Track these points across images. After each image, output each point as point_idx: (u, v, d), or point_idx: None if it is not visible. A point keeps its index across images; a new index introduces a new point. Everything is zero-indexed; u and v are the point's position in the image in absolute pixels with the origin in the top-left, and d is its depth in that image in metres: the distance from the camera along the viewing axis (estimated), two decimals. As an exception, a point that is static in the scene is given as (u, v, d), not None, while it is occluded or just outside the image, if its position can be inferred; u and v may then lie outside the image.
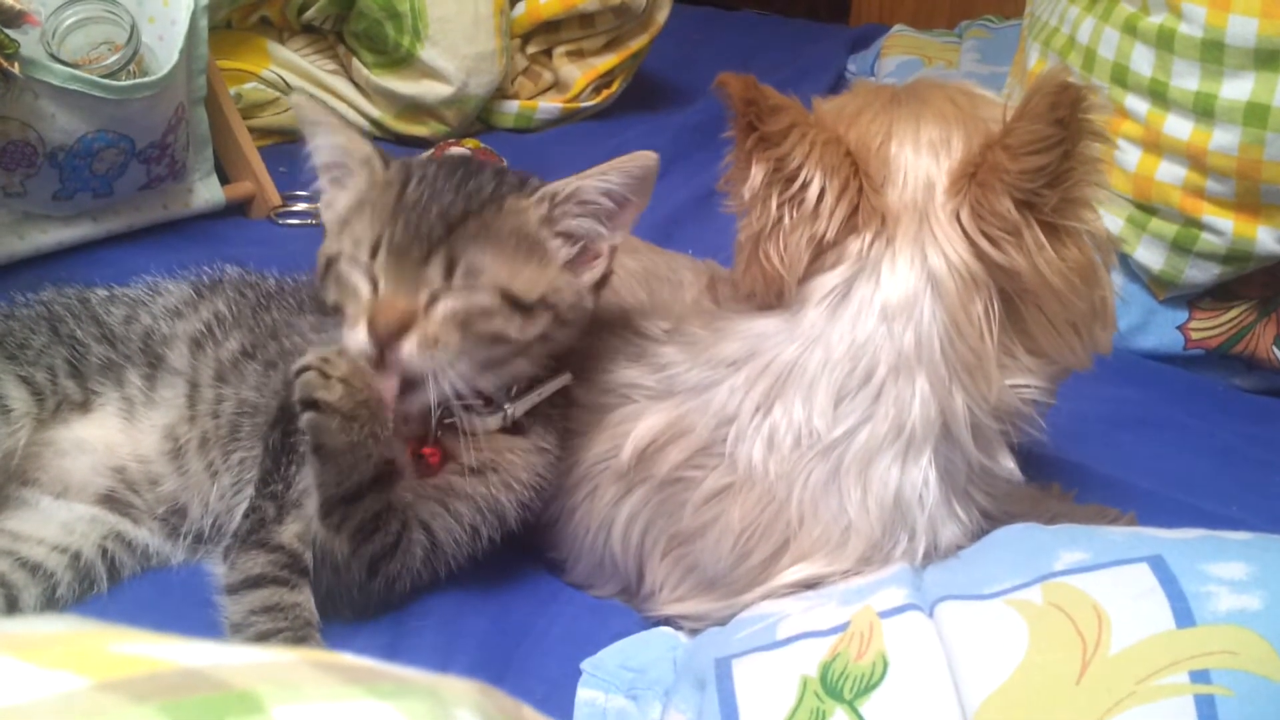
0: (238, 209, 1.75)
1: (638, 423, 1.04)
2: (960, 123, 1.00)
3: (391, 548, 1.00)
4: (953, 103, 1.02)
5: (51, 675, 0.40)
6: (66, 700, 0.39)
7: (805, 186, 0.97)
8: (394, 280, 0.96)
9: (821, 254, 0.98)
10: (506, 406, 1.03)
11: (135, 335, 1.13)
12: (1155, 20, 1.51)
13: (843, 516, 0.98)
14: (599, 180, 1.02)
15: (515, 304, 0.98)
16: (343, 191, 1.05)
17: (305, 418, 0.94)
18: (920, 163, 0.98)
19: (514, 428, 1.04)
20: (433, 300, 0.96)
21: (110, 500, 1.09)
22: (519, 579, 1.10)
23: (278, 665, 0.44)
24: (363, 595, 1.02)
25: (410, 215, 0.97)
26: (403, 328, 0.95)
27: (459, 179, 1.01)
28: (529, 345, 1.01)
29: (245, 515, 1.04)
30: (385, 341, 0.95)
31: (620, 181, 1.02)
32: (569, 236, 1.02)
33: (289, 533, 1.01)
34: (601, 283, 1.05)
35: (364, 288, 0.97)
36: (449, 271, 0.96)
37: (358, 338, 0.96)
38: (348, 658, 0.47)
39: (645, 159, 1.02)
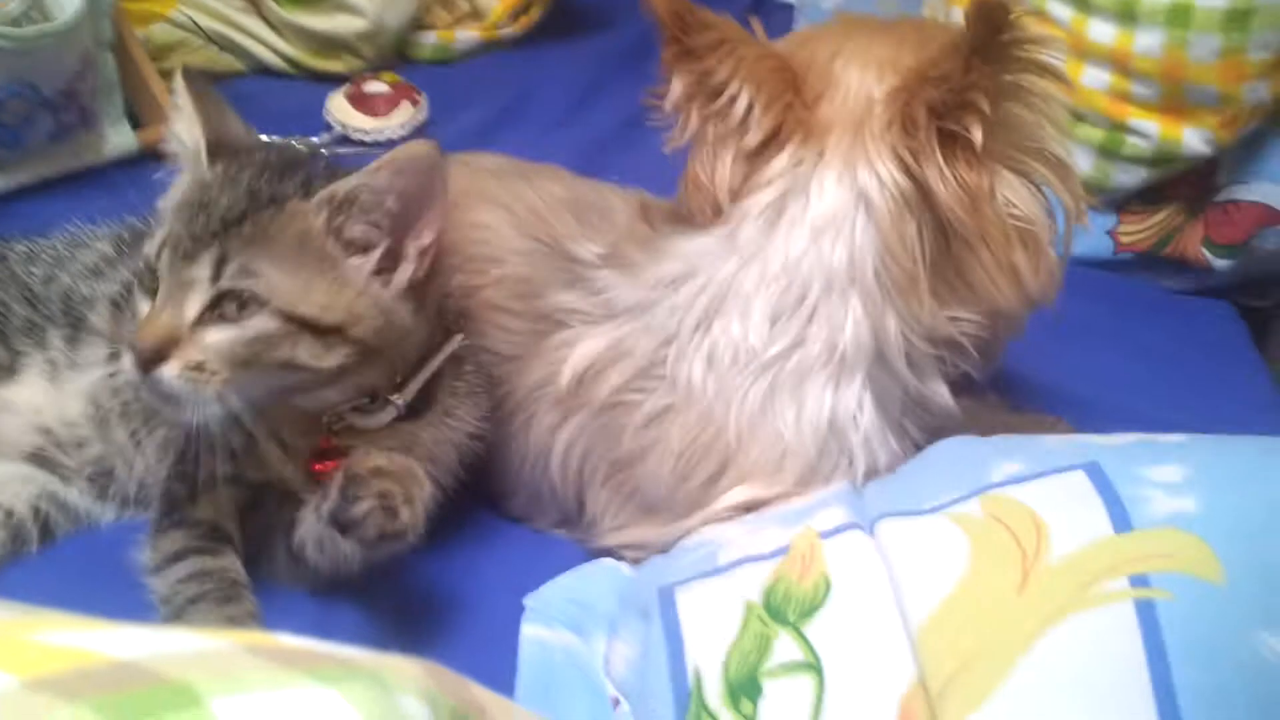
0: (152, 155, 1.71)
1: (575, 347, 1.03)
2: (915, 45, 0.98)
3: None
4: (917, 29, 1.01)
5: None
6: None
7: (731, 101, 0.96)
8: (164, 292, 0.90)
9: (755, 170, 0.98)
10: (393, 397, 0.98)
11: (55, 295, 1.11)
12: (1074, -76, 1.50)
13: (779, 438, 0.97)
14: (373, 178, 0.93)
15: (306, 327, 0.91)
16: (175, 188, 0.99)
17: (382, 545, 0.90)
18: (863, 80, 0.97)
19: (414, 410, 0.99)
20: (201, 321, 0.89)
21: (39, 459, 1.07)
22: (456, 515, 1.08)
23: (213, 653, 0.43)
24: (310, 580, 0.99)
25: (191, 216, 0.91)
26: (164, 350, 0.89)
27: (248, 183, 0.93)
28: (334, 375, 0.93)
29: (159, 498, 1.02)
30: (146, 368, 0.88)
31: (395, 181, 0.92)
32: (361, 246, 0.94)
33: (206, 508, 0.99)
34: (422, 290, 0.96)
35: (141, 302, 0.92)
36: (219, 269, 0.90)
37: (125, 364, 0.90)
38: (285, 640, 0.46)
39: (417, 150, 0.93)
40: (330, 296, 0.91)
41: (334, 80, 1.95)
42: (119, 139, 1.65)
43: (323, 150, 1.74)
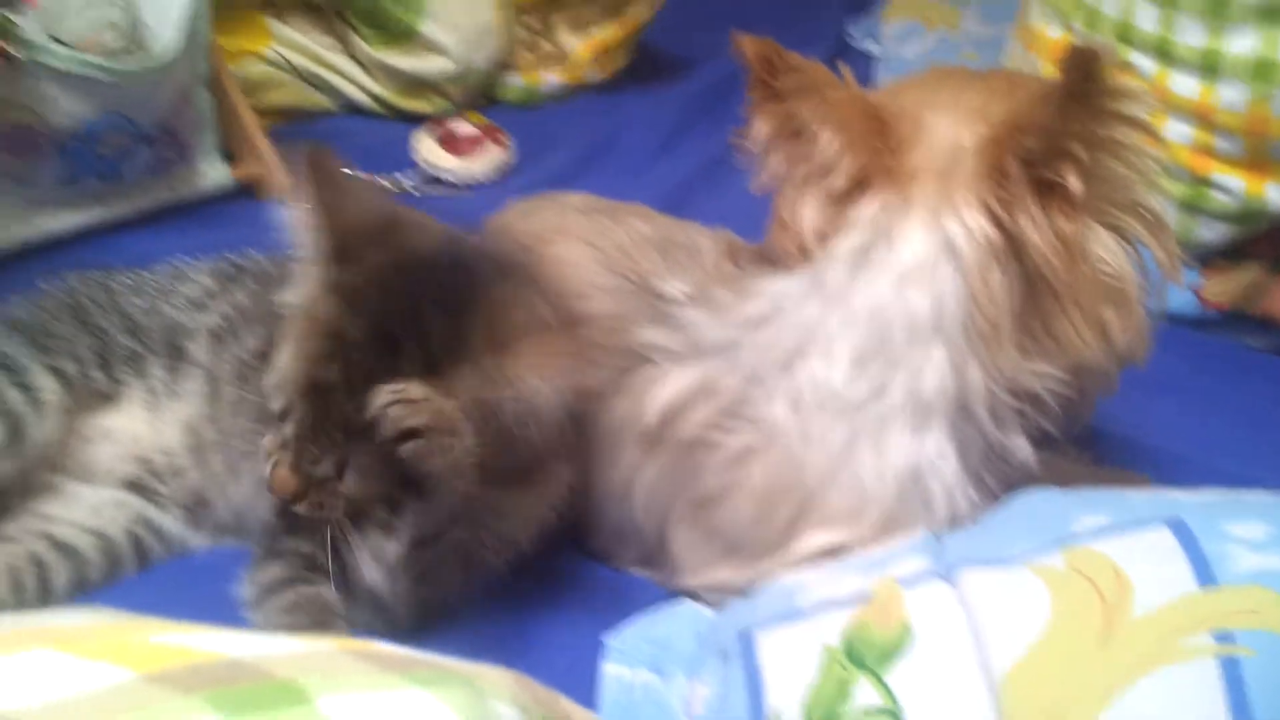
0: (246, 190, 1.75)
1: (660, 384, 1.04)
2: (1006, 95, 0.99)
3: (443, 584, 1.00)
4: (1009, 80, 1.02)
5: (96, 667, 0.40)
6: (116, 693, 0.39)
7: (813, 142, 0.97)
8: (292, 452, 0.94)
9: (841, 214, 0.99)
10: None
11: (157, 326, 1.13)
12: (1159, -23, 1.50)
13: (859, 483, 0.98)
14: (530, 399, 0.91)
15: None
16: (300, 280, 0.99)
17: (408, 448, 0.88)
18: (953, 129, 0.98)
19: None
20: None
21: (136, 486, 1.09)
22: (538, 552, 1.10)
23: (317, 655, 0.44)
24: (390, 624, 1.00)
25: (318, 406, 0.92)
26: (298, 495, 0.94)
27: (386, 364, 0.91)
28: None
29: (261, 532, 1.04)
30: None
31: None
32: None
33: (304, 542, 1.00)
34: None
35: (272, 440, 0.95)
36: (339, 474, 0.93)
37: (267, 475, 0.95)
38: (383, 646, 0.47)
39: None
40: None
41: (421, 120, 1.98)
42: (214, 173, 1.69)
43: (410, 189, 1.77)
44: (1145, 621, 0.77)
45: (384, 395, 0.88)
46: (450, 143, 1.85)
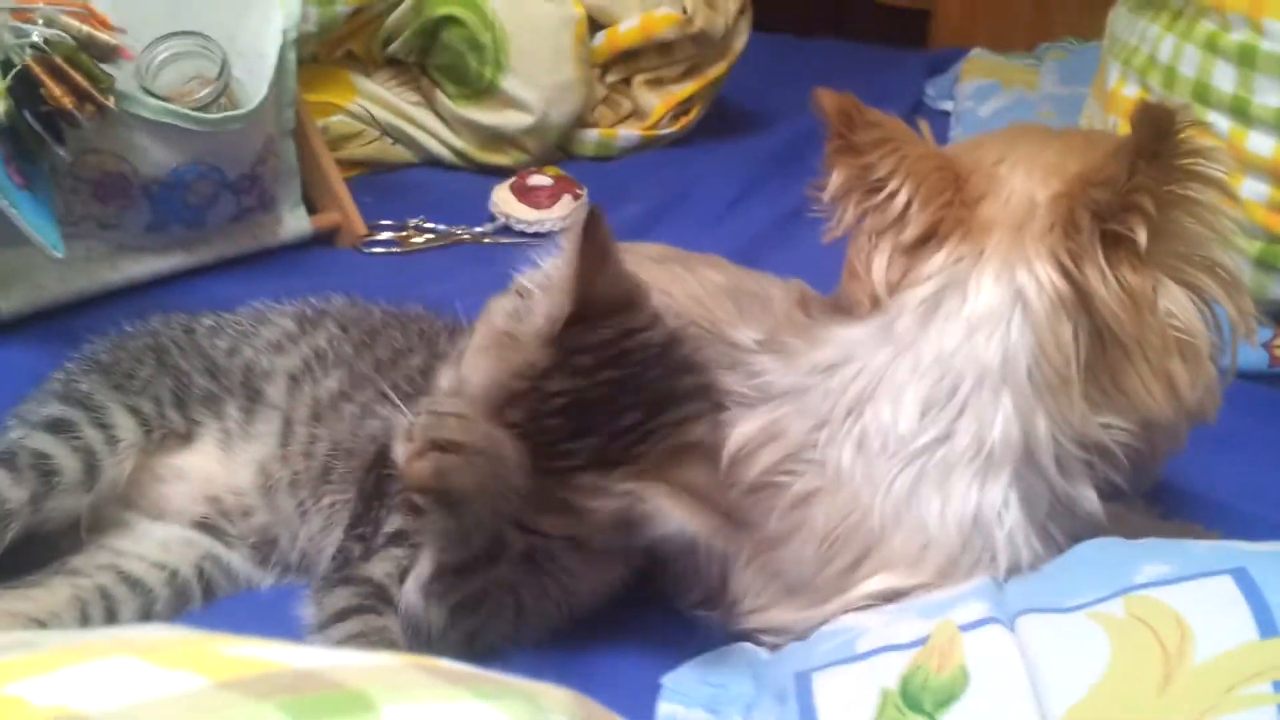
0: (324, 239, 1.78)
1: (731, 429, 1.04)
2: (1082, 152, 1.00)
3: (485, 621, 1.01)
4: (1086, 138, 1.03)
5: (172, 675, 0.42)
6: (191, 698, 0.41)
7: (891, 196, 0.99)
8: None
9: (914, 265, 1.00)
10: None
11: (236, 368, 1.15)
12: (1236, 38, 1.50)
13: (923, 528, 0.98)
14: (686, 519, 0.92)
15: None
16: (513, 314, 0.99)
17: (433, 460, 0.89)
18: (1027, 183, 0.99)
19: None
20: None
21: (204, 526, 1.11)
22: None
23: (384, 668, 0.46)
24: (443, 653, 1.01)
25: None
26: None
27: (570, 434, 0.93)
28: None
29: (332, 558, 1.06)
30: None
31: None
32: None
33: (376, 569, 1.02)
34: None
35: (423, 420, 0.94)
36: None
37: (398, 454, 0.95)
38: (447, 663, 0.49)
39: None
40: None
41: (499, 173, 2.02)
42: (295, 223, 1.72)
43: (487, 239, 1.81)
44: (1205, 670, 0.76)
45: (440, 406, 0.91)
46: (526, 194, 1.88)
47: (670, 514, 0.91)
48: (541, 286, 0.98)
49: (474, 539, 0.95)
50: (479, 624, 1.01)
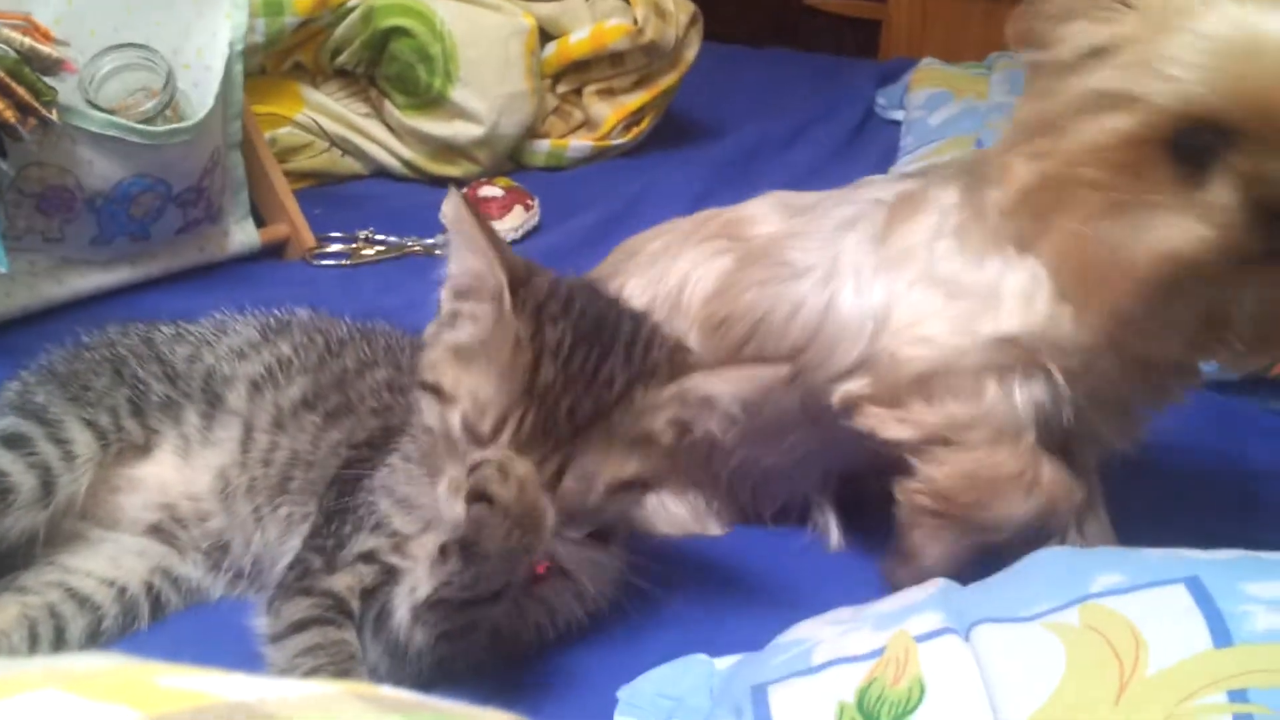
0: (273, 251, 1.77)
1: None
2: None
3: (464, 649, 1.00)
4: None
5: (102, 708, 0.41)
6: None
7: None
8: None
9: None
10: None
11: (197, 374, 1.14)
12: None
13: None
14: (734, 386, 0.97)
15: (621, 488, 0.96)
16: (466, 320, 0.99)
17: (473, 510, 0.88)
18: None
19: (597, 535, 1.02)
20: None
21: (157, 532, 1.10)
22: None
23: (321, 697, 0.45)
24: (410, 675, 1.00)
25: (539, 408, 0.93)
26: None
27: (594, 362, 0.95)
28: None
29: (290, 566, 1.04)
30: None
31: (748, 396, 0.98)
32: (684, 426, 0.99)
33: (338, 582, 1.00)
34: None
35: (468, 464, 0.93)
36: (558, 477, 0.93)
37: (455, 510, 0.93)
38: (389, 690, 0.48)
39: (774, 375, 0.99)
40: (643, 463, 0.97)
41: (449, 183, 2.01)
42: (243, 236, 1.71)
43: (438, 250, 1.79)
44: (1159, 679, 0.76)
45: (487, 452, 0.90)
46: (477, 205, 1.87)
47: (724, 389, 0.96)
48: (459, 290, 0.99)
49: (481, 586, 0.93)
50: (460, 649, 0.99)
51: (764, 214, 1.23)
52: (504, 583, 0.94)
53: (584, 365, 0.94)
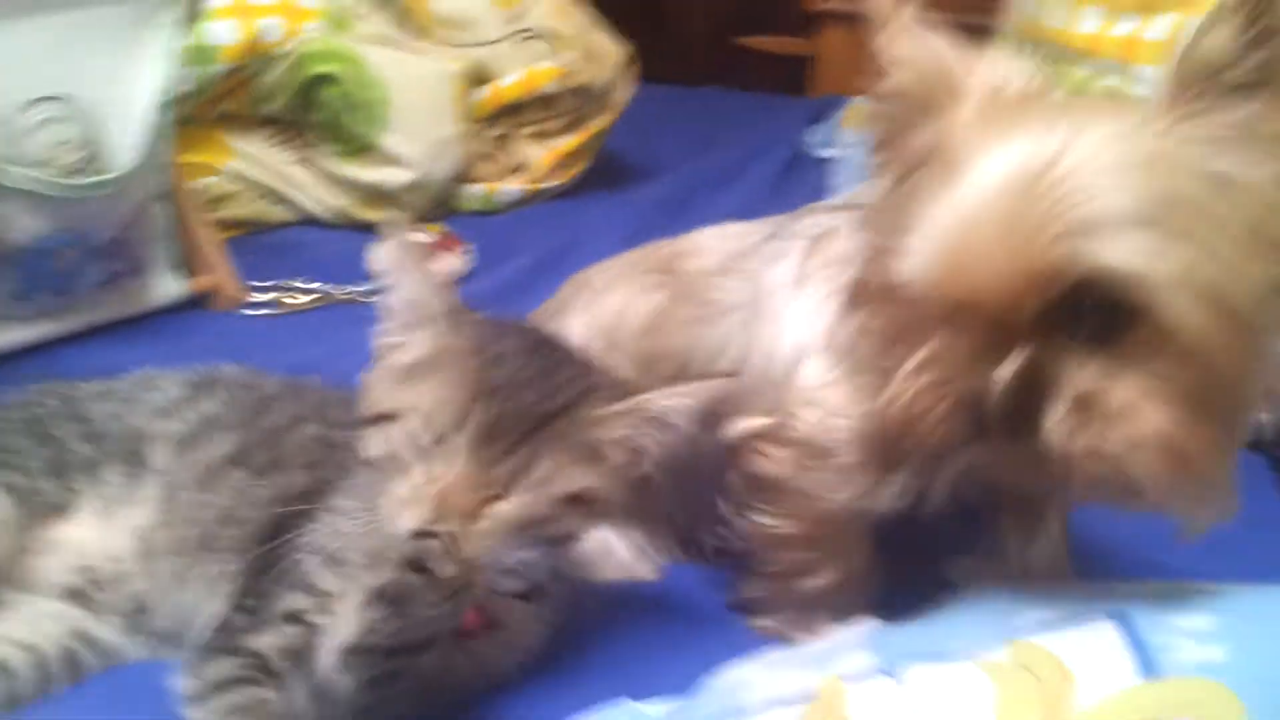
0: (201, 301, 1.75)
1: None
2: None
3: (391, 697, 0.98)
4: None
5: None
6: None
7: None
8: (459, 472, 0.93)
9: None
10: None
11: (119, 433, 1.12)
12: (1108, 84, 1.53)
13: None
14: (685, 400, 0.98)
15: (570, 500, 0.96)
16: (410, 346, 0.99)
17: (406, 579, 0.89)
18: None
19: (531, 591, 1.03)
20: (494, 499, 0.93)
21: (74, 595, 1.07)
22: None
23: None
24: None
25: (491, 410, 0.93)
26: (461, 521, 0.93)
27: (542, 371, 0.97)
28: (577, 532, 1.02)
29: (213, 626, 1.02)
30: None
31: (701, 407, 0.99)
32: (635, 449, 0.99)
33: (262, 641, 0.98)
34: None
35: (422, 471, 0.93)
36: (509, 483, 0.93)
37: (406, 523, 0.92)
38: None
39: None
40: (593, 480, 0.97)
41: (379, 229, 2.00)
42: (168, 287, 1.69)
43: (366, 298, 1.78)
44: (1087, 716, 0.76)
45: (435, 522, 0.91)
46: (406, 251, 1.87)
47: (674, 404, 0.97)
48: (405, 324, 1.00)
49: (408, 636, 0.93)
50: (387, 697, 0.98)
51: (706, 246, 1.23)
52: (430, 636, 0.93)
53: (533, 374, 0.95)
